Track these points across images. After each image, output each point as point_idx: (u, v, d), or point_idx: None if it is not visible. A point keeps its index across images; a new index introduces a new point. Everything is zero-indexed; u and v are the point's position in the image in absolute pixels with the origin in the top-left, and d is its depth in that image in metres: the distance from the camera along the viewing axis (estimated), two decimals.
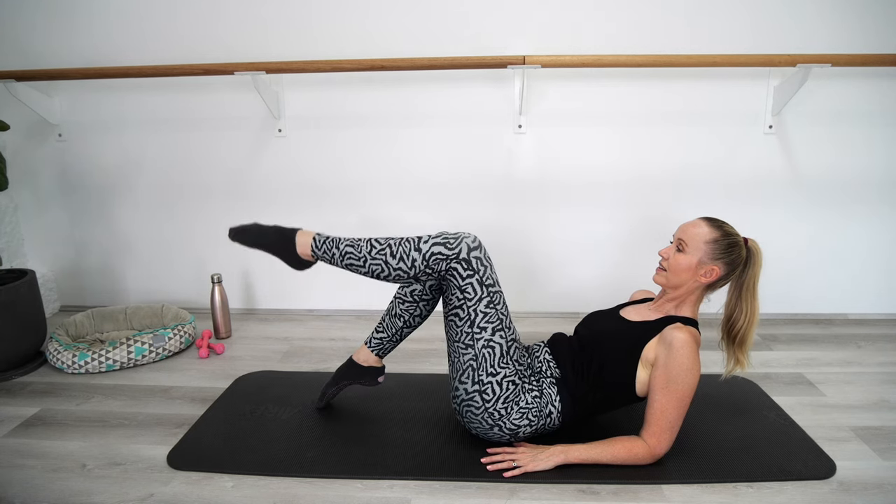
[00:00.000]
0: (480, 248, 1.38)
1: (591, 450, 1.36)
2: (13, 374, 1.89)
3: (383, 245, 1.39)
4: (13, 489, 1.33)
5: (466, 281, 1.36)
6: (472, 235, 1.39)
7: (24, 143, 2.38)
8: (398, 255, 1.37)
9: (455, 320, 1.40)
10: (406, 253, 1.37)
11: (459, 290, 1.37)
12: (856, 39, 2.08)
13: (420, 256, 1.36)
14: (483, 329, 1.37)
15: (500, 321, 1.38)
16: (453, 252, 1.35)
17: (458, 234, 1.37)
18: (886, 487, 1.31)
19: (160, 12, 2.21)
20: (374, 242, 1.40)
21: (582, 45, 2.14)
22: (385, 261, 1.38)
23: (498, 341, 1.38)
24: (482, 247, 1.39)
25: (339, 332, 2.28)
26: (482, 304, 1.36)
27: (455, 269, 1.35)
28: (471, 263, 1.35)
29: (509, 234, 2.35)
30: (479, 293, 1.36)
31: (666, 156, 2.25)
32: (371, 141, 2.30)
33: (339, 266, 1.43)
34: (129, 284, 2.53)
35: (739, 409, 1.64)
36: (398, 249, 1.37)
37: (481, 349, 1.38)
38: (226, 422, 1.60)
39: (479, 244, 1.38)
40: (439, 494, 1.31)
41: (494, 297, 1.38)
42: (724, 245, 1.38)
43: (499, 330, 1.38)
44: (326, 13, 2.17)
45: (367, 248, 1.40)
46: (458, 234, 1.37)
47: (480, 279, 1.36)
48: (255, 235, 1.46)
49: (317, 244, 1.43)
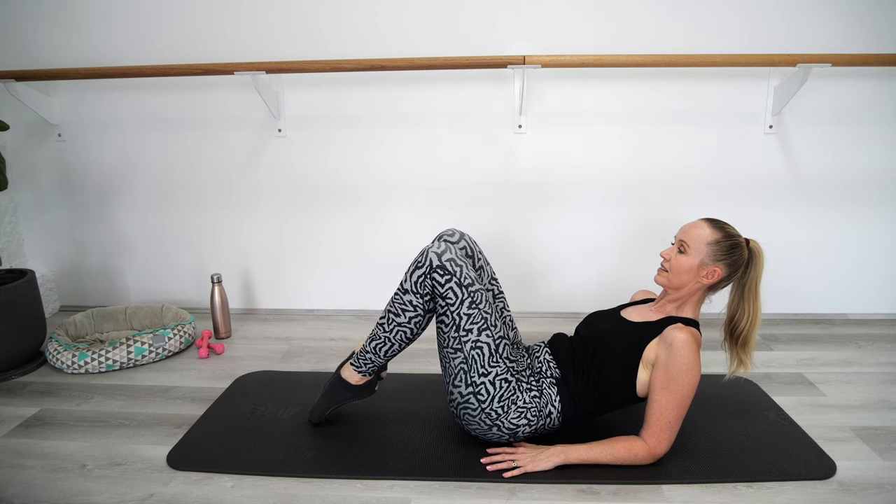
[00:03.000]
0: (449, 249, 1.38)
1: (590, 450, 1.36)
2: (13, 374, 1.89)
3: (385, 315, 1.45)
4: (13, 489, 1.33)
5: (446, 287, 1.36)
6: (436, 242, 1.41)
7: (24, 143, 2.38)
8: (399, 311, 1.43)
9: (442, 327, 1.41)
10: (402, 303, 1.42)
11: (441, 298, 1.38)
12: (855, 39, 2.08)
13: (412, 294, 1.40)
14: (469, 331, 1.37)
15: (484, 320, 1.38)
16: (426, 266, 1.37)
17: (425, 247, 1.40)
18: (886, 487, 1.31)
19: (160, 12, 2.21)
20: (380, 321, 1.46)
21: (582, 45, 2.14)
22: (399, 324, 1.44)
23: (485, 341, 1.38)
24: (450, 247, 1.39)
25: (339, 332, 2.28)
26: (464, 307, 1.37)
27: (435, 279, 1.37)
28: (445, 268, 1.36)
29: (509, 233, 2.35)
30: (460, 295, 1.36)
31: (666, 156, 2.25)
32: (371, 141, 2.30)
33: (386, 360, 1.50)
34: (129, 284, 2.53)
35: (739, 409, 1.64)
36: (396, 307, 1.43)
37: (470, 351, 1.38)
38: (226, 422, 1.60)
39: (447, 247, 1.38)
40: (439, 494, 1.31)
41: (475, 296, 1.37)
42: (726, 246, 1.38)
43: (484, 330, 1.38)
44: (326, 13, 2.17)
45: (381, 330, 1.46)
46: (424, 248, 1.40)
47: (459, 281, 1.36)
48: (324, 404, 1.54)
49: (356, 366, 1.51)
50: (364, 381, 1.53)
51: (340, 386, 1.54)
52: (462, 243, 1.53)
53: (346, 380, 1.53)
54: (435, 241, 1.43)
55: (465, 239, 1.53)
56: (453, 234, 1.54)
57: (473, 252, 1.54)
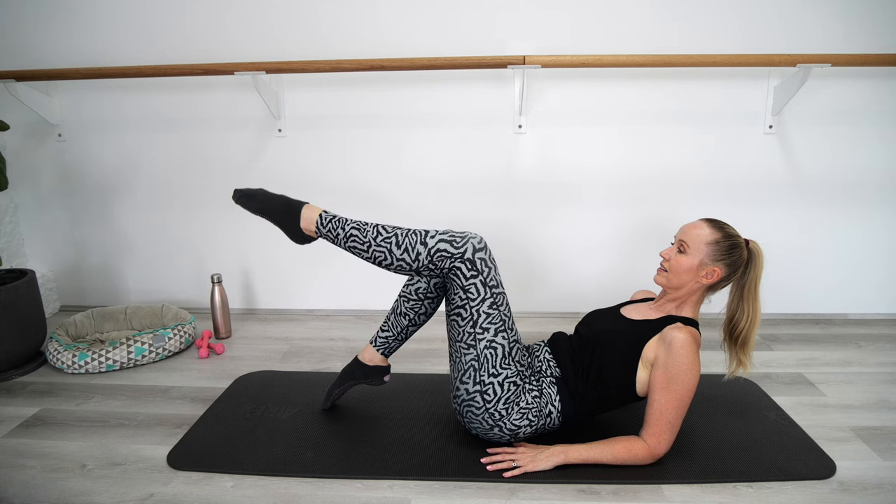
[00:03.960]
0: (486, 250, 1.37)
1: (591, 450, 1.36)
2: (13, 374, 1.89)
3: (390, 233, 1.38)
4: (13, 489, 1.33)
5: (470, 281, 1.35)
6: (478, 236, 1.38)
7: (24, 143, 2.38)
8: (403, 246, 1.36)
9: (458, 320, 1.40)
10: (412, 245, 1.36)
11: (462, 290, 1.36)
12: (855, 39, 2.08)
13: (425, 251, 1.35)
14: (485, 330, 1.37)
15: (502, 322, 1.38)
16: (459, 251, 1.34)
17: (465, 233, 1.37)
18: (886, 487, 1.31)
19: (160, 12, 2.21)
20: (380, 229, 1.39)
21: (582, 45, 2.14)
22: (389, 249, 1.37)
23: (500, 342, 1.38)
24: (487, 248, 1.38)
25: (339, 332, 2.28)
26: (485, 305, 1.36)
27: (459, 268, 1.35)
28: (475, 264, 1.35)
29: (509, 233, 2.35)
30: (483, 294, 1.36)
31: (666, 156, 2.25)
32: (371, 141, 2.30)
33: (342, 247, 1.41)
34: (129, 284, 2.53)
35: (739, 409, 1.64)
36: (404, 240, 1.36)
37: (483, 349, 1.37)
38: (226, 422, 1.60)
39: (485, 246, 1.38)
40: (439, 494, 1.31)
41: (498, 298, 1.38)
42: (726, 246, 1.38)
43: (501, 331, 1.38)
44: (327, 13, 2.17)
45: (373, 233, 1.39)
46: (464, 234, 1.36)
47: (484, 280, 1.35)
48: (260, 202, 1.44)
49: (322, 221, 1.42)
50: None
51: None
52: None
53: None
54: (478, 235, 1.38)
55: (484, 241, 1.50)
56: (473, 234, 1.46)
57: None
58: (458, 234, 1.36)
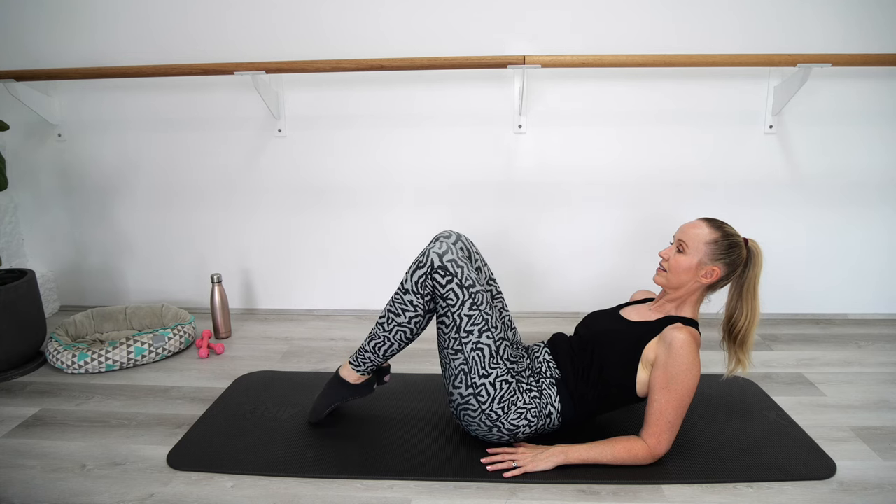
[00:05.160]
0: (451, 250, 1.38)
1: (591, 450, 1.36)
2: (13, 374, 1.89)
3: (385, 314, 1.46)
4: (13, 489, 1.33)
5: (447, 288, 1.37)
6: (439, 240, 1.41)
7: (23, 143, 2.38)
8: (400, 311, 1.43)
9: (443, 328, 1.41)
10: (403, 303, 1.42)
11: (442, 299, 1.38)
12: (855, 39, 2.08)
13: (412, 294, 1.41)
14: (469, 332, 1.37)
15: (485, 322, 1.38)
16: (427, 267, 1.37)
17: (426, 247, 1.40)
18: (886, 487, 1.31)
19: (160, 13, 2.21)
20: (379, 320, 1.47)
21: (582, 45, 2.14)
22: (398, 324, 1.44)
23: (486, 342, 1.38)
24: (451, 248, 1.39)
25: (339, 332, 2.28)
26: (465, 308, 1.37)
27: (436, 279, 1.37)
28: (446, 269, 1.36)
29: (509, 234, 2.35)
30: (461, 297, 1.36)
31: (666, 156, 2.25)
32: (371, 141, 2.30)
33: (385, 360, 1.51)
34: (129, 284, 2.53)
35: (739, 409, 1.64)
36: (396, 307, 1.43)
37: (470, 352, 1.38)
38: (226, 422, 1.60)
39: (448, 248, 1.38)
40: (439, 494, 1.31)
41: (476, 297, 1.38)
42: (725, 246, 1.38)
43: (485, 331, 1.38)
44: (328, 14, 2.17)
45: (380, 329, 1.47)
46: (425, 249, 1.41)
47: (460, 282, 1.36)
48: (323, 403, 1.55)
49: (355, 365, 1.52)
50: (362, 381, 1.54)
51: (339, 384, 1.54)
52: (459, 244, 1.52)
53: (344, 378, 1.54)
54: (435, 242, 1.42)
55: (462, 240, 1.52)
56: (450, 235, 1.49)
57: (471, 253, 1.54)
58: (421, 253, 1.41)
